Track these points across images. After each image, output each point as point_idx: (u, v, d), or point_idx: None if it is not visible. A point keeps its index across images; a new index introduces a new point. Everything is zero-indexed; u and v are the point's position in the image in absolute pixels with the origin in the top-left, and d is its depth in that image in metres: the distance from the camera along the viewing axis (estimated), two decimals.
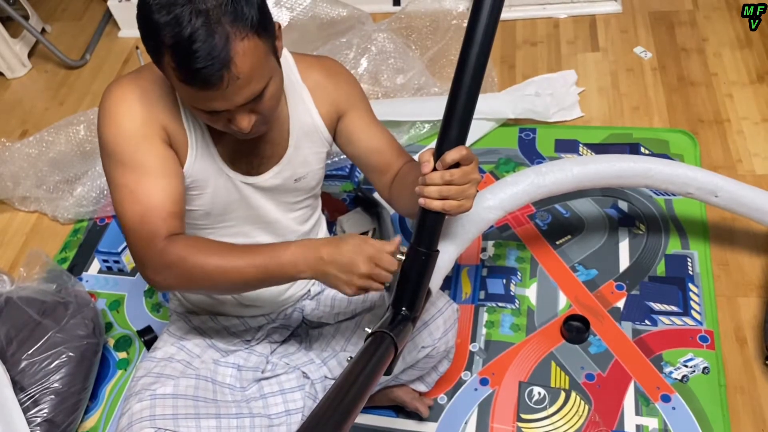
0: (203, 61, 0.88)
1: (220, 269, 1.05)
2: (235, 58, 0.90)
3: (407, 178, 1.21)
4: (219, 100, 0.94)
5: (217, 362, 1.27)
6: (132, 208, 1.05)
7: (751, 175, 1.91)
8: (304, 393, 1.27)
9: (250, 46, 0.91)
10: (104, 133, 1.06)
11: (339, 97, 1.21)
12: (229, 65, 0.90)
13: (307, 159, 1.22)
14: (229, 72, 0.90)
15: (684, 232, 1.80)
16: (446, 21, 2.44)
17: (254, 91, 0.96)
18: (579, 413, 1.50)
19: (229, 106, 0.95)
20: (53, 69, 2.80)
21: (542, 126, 2.15)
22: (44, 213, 2.18)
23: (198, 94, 0.94)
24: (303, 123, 1.19)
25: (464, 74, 1.02)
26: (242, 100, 0.95)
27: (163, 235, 1.05)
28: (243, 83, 0.93)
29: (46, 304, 1.68)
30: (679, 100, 2.16)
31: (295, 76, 1.18)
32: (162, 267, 1.05)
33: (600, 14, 2.53)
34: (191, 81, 0.91)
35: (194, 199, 1.15)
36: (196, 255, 1.04)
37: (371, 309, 1.35)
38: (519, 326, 1.68)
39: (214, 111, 0.98)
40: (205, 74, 0.90)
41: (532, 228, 1.88)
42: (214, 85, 0.91)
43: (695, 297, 1.66)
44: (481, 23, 1.00)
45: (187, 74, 0.91)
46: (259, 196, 1.21)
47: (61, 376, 1.57)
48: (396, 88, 2.26)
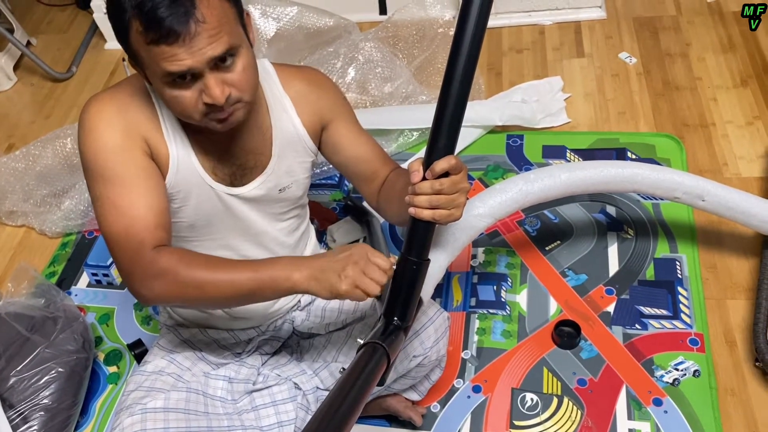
0: (167, 9, 0.90)
1: (212, 281, 1.04)
2: (200, 5, 0.92)
3: (395, 186, 1.21)
4: (186, 55, 0.93)
5: (208, 375, 1.26)
6: (116, 221, 1.04)
7: (737, 177, 1.92)
8: (296, 404, 1.26)
9: (215, 1, 0.94)
10: (84, 148, 1.05)
11: (322, 106, 1.21)
12: (194, 11, 0.91)
13: (291, 169, 1.22)
14: (194, 17, 0.91)
15: (672, 235, 1.81)
16: (433, 29, 2.45)
17: (221, 47, 0.95)
18: (572, 419, 1.50)
19: (197, 61, 0.94)
20: (39, 82, 2.78)
21: (529, 132, 2.16)
22: (32, 227, 2.16)
23: (166, 53, 0.93)
24: (286, 132, 1.19)
25: (452, 83, 1.02)
26: (210, 53, 0.94)
27: (150, 245, 1.04)
28: (208, 33, 0.93)
29: (35, 320, 1.66)
30: (665, 104, 2.18)
31: (277, 86, 1.19)
32: (150, 278, 1.04)
33: (585, 21, 2.55)
34: (158, 33, 0.91)
35: (178, 211, 1.15)
36: (186, 266, 1.04)
37: (362, 319, 1.35)
38: (510, 333, 1.68)
39: (185, 79, 0.96)
40: (170, 21, 0.90)
41: (521, 234, 1.89)
42: (181, 33, 0.91)
43: (684, 300, 1.67)
44: (467, 33, 1.01)
45: (154, 28, 0.91)
46: (244, 207, 1.20)
47: (50, 392, 1.55)
48: (384, 97, 2.27)
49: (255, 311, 1.31)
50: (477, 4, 0.99)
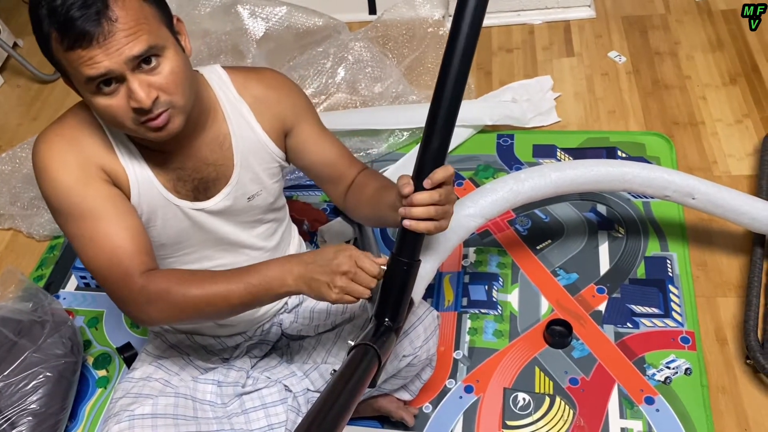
0: (78, 10, 0.88)
1: (206, 297, 1.04)
2: (113, 6, 0.89)
3: (364, 190, 1.21)
4: (103, 56, 0.90)
5: (197, 379, 1.25)
6: (97, 255, 1.04)
7: (726, 175, 1.93)
8: (286, 406, 1.25)
9: (131, 2, 0.91)
10: (44, 190, 1.04)
11: (283, 110, 1.18)
12: (106, 12, 0.89)
13: (257, 176, 1.19)
14: (106, 17, 0.89)
15: (663, 234, 1.82)
16: (422, 29, 2.45)
17: (139, 46, 0.92)
18: (564, 418, 1.50)
19: (114, 61, 0.91)
20: (26, 84, 2.76)
21: (520, 132, 2.16)
22: (19, 230, 2.14)
23: (84, 57, 0.90)
24: (246, 140, 1.15)
25: (445, 85, 1.02)
26: (127, 53, 0.91)
27: (137, 272, 1.03)
28: (123, 32, 0.90)
29: (22, 324, 1.64)
30: (654, 103, 2.18)
31: (232, 92, 1.14)
32: (144, 305, 1.04)
33: (574, 20, 2.56)
34: (72, 37, 0.89)
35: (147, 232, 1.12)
36: (178, 286, 1.03)
37: (351, 320, 1.34)
38: (502, 332, 1.68)
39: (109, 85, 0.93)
40: (82, 22, 0.88)
41: (512, 233, 1.89)
42: (94, 34, 0.89)
43: (675, 298, 1.67)
44: (461, 36, 1.00)
45: (68, 31, 0.89)
46: (213, 220, 1.17)
47: (38, 397, 1.53)
48: (374, 97, 2.26)
49: (240, 317, 1.28)
50: (472, 6, 0.99)
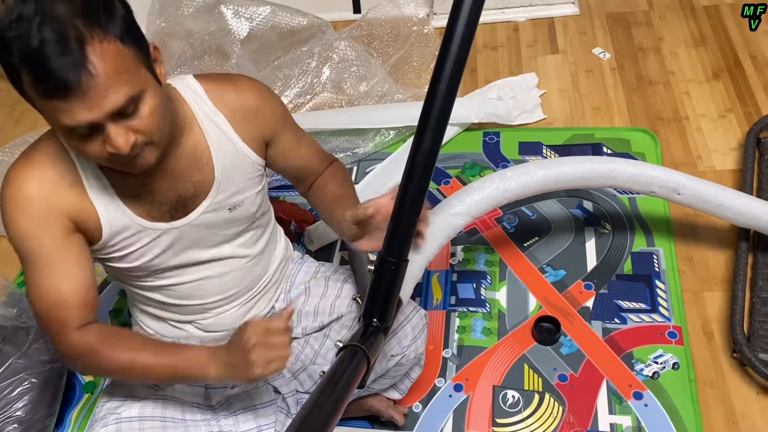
0: (56, 62, 0.82)
1: (129, 365, 1.07)
2: (91, 57, 0.84)
3: (322, 195, 1.26)
4: (82, 109, 0.86)
5: None
6: (40, 302, 1.05)
7: (711, 171, 1.94)
8: (275, 408, 1.25)
9: (110, 49, 0.85)
10: (6, 228, 1.03)
11: (263, 122, 1.15)
12: (84, 63, 0.83)
13: (239, 187, 1.15)
14: (85, 70, 0.83)
15: (649, 229, 1.82)
16: (407, 27, 2.45)
17: (119, 99, 0.87)
18: (553, 415, 1.51)
19: (94, 115, 0.87)
20: (7, 86, 2.67)
21: (506, 129, 2.16)
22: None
23: (61, 107, 0.86)
24: (225, 151, 1.12)
25: (439, 86, 1.02)
26: (108, 107, 0.87)
27: (73, 326, 1.05)
28: (103, 85, 0.85)
29: (6, 330, 1.62)
30: (639, 99, 2.19)
31: (208, 105, 1.10)
32: (74, 357, 1.08)
33: (558, 17, 2.56)
34: (49, 88, 0.84)
35: (125, 258, 1.11)
36: (107, 348, 1.06)
37: (339, 318, 1.32)
38: (491, 330, 1.68)
39: (86, 129, 0.89)
40: (60, 76, 0.83)
41: (499, 231, 1.89)
42: (72, 87, 0.84)
43: (662, 293, 1.68)
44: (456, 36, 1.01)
45: (44, 81, 0.84)
46: (194, 234, 1.14)
47: (24, 404, 1.52)
48: (359, 96, 2.26)
49: (227, 321, 1.27)
50: (467, 7, 0.99)
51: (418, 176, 1.06)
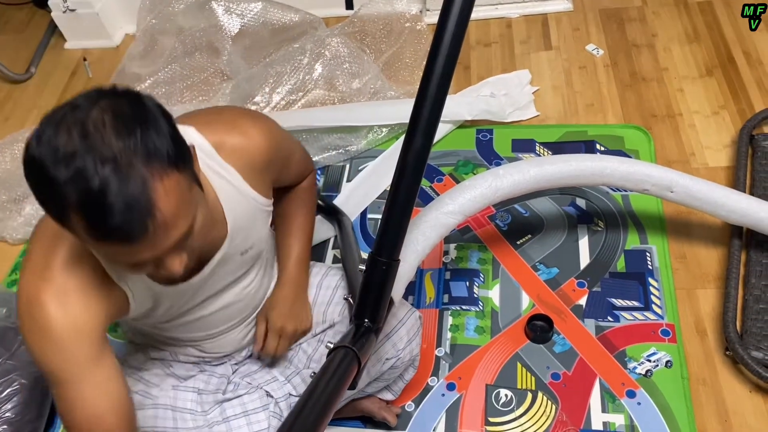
0: (121, 214, 0.74)
1: None
2: (158, 203, 0.76)
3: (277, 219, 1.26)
4: (146, 251, 0.80)
5: (177, 387, 1.22)
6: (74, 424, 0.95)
7: (704, 167, 1.94)
8: (268, 413, 1.23)
9: (171, 184, 0.77)
10: (30, 347, 0.93)
11: (272, 168, 1.11)
12: (153, 211, 0.76)
13: (249, 231, 1.11)
14: (154, 219, 0.76)
15: (642, 227, 1.82)
16: (399, 24, 2.43)
17: (182, 231, 0.82)
18: (546, 413, 1.50)
19: (157, 253, 0.82)
20: None
21: (499, 126, 2.15)
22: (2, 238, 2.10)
23: (119, 250, 0.79)
24: (237, 204, 1.06)
25: (430, 84, 1.01)
26: (172, 243, 0.81)
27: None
28: (170, 224, 0.79)
29: None
30: (632, 95, 2.19)
31: (216, 161, 1.02)
32: None
33: (551, 13, 2.55)
34: (109, 238, 0.76)
35: (149, 315, 1.08)
36: None
37: (332, 327, 1.32)
38: (484, 328, 1.67)
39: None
40: (126, 229, 0.75)
41: (492, 229, 1.88)
42: (139, 237, 0.76)
43: (655, 291, 1.68)
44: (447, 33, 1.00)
45: (104, 232, 0.75)
46: (206, 282, 1.10)
47: (13, 405, 1.51)
48: (352, 93, 2.24)
49: (229, 343, 1.26)
50: (458, 3, 0.98)
51: (409, 174, 1.05)
